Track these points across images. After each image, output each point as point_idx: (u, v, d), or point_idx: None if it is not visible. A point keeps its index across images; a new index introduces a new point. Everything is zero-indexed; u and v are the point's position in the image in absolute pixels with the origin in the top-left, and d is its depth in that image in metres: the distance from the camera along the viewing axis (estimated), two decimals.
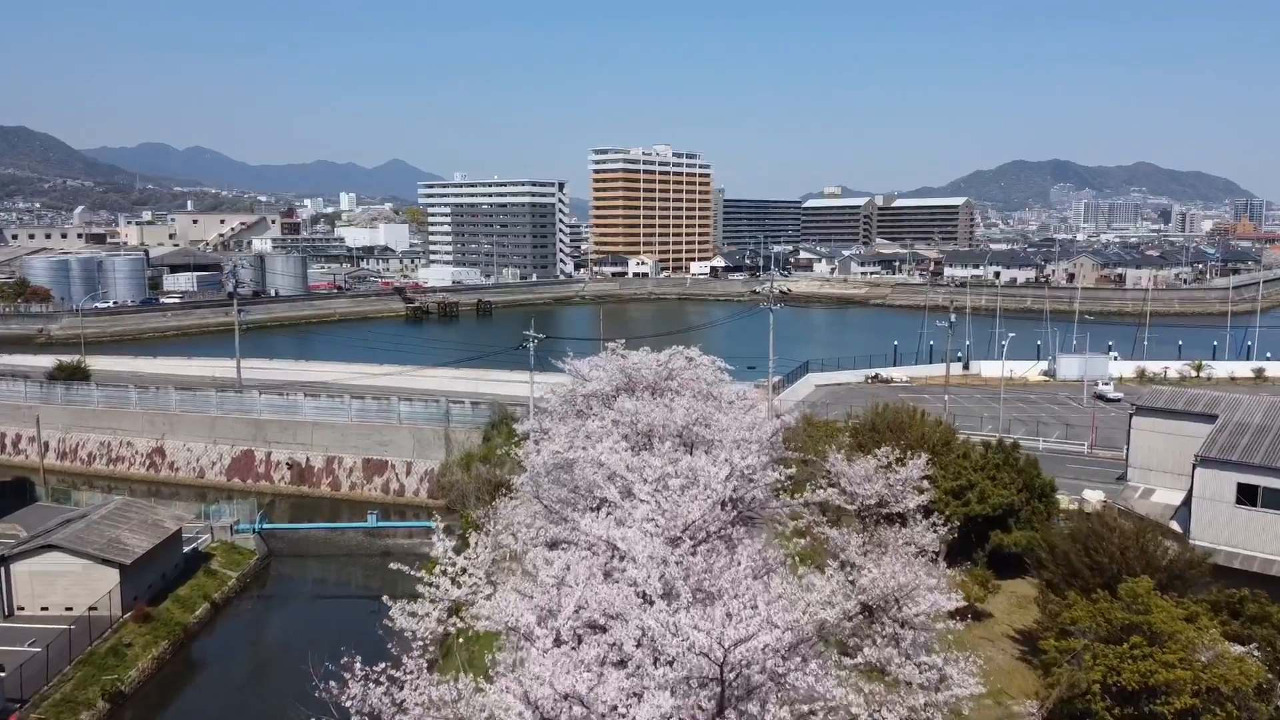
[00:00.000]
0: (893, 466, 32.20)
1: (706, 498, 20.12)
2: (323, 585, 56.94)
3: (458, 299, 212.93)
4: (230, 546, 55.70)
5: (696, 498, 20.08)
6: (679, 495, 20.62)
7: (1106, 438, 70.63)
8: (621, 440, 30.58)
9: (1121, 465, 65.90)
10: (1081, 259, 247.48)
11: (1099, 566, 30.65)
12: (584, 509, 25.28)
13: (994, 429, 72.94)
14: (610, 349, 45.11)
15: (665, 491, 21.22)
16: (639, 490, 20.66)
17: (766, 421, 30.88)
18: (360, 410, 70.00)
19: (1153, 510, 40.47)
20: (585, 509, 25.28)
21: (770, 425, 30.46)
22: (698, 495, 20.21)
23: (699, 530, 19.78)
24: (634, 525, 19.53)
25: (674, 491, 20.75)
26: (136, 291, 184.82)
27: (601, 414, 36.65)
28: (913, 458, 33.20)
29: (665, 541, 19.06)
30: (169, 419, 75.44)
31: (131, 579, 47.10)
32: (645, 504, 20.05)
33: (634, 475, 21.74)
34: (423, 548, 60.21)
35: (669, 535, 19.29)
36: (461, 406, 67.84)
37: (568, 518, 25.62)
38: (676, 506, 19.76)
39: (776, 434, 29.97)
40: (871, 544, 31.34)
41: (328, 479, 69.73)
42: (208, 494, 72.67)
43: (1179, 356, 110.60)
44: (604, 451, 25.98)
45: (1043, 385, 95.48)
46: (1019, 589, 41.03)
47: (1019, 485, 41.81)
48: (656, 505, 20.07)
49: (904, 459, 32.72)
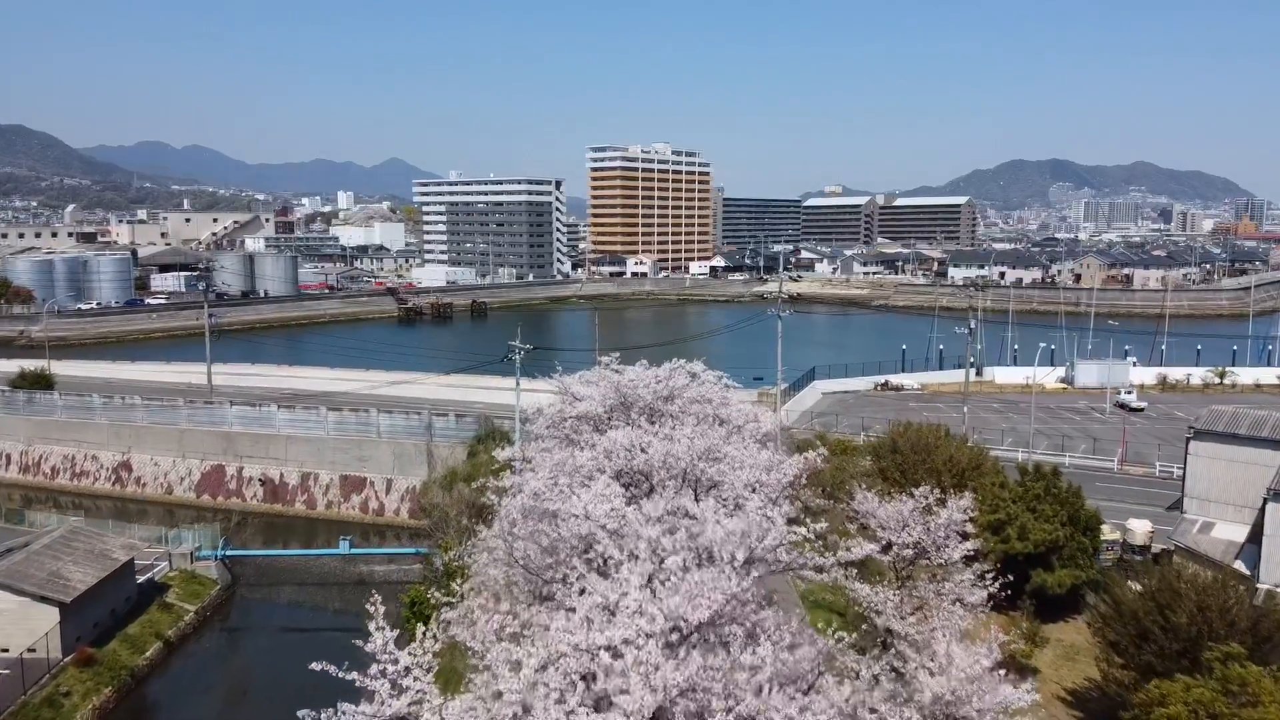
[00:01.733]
0: (933, 508, 27.61)
1: (718, 588, 15.44)
2: (291, 616, 52.21)
3: (452, 300, 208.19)
4: (190, 576, 51.00)
5: (705, 590, 15.38)
6: (682, 577, 15.97)
7: (1135, 452, 66.14)
8: (614, 480, 25.96)
9: (1153, 482, 61.72)
10: (1088, 259, 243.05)
11: (1174, 628, 26.09)
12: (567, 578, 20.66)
13: (1014, 442, 68.45)
14: (604, 363, 40.50)
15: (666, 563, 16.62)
16: (629, 581, 15.96)
17: (787, 463, 26.15)
18: (337, 423, 65.31)
19: (1214, 548, 35.95)
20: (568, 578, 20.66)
21: (791, 464, 25.77)
22: (707, 585, 15.52)
23: (708, 630, 15.17)
24: (624, 620, 14.89)
25: (675, 572, 16.10)
26: (122, 292, 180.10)
27: (593, 441, 32.05)
28: (954, 494, 28.63)
29: (664, 645, 14.46)
30: (135, 431, 70.76)
31: (74, 618, 42.43)
32: (635, 595, 15.38)
33: (622, 553, 17.06)
34: (401, 574, 55.80)
35: (669, 637, 14.67)
36: (445, 420, 63.15)
37: (546, 596, 20.99)
38: (678, 601, 15.09)
39: (799, 474, 25.24)
40: (908, 598, 26.78)
41: (303, 496, 65.03)
42: (176, 512, 68.05)
43: (1197, 361, 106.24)
44: (592, 501, 21.38)
45: (1060, 393, 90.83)
46: (1065, 635, 36.44)
47: (1062, 518, 37.21)
48: (651, 594, 15.44)
49: (944, 497, 28.13)
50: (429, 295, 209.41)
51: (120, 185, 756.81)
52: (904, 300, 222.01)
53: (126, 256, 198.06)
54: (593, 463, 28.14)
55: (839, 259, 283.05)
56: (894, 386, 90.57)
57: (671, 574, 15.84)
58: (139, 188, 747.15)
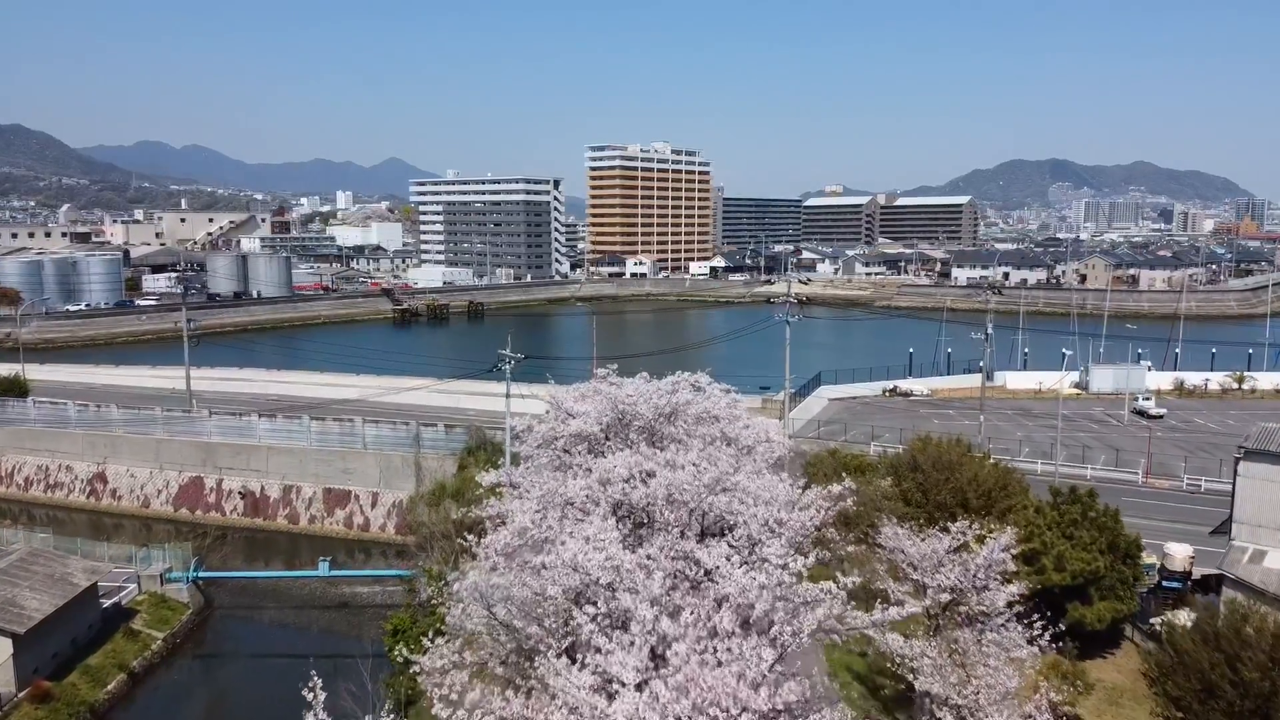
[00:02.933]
0: (970, 545, 24.47)
1: (736, 698, 12.23)
2: (268, 642, 49.00)
3: (448, 300, 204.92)
4: (159, 600, 47.81)
5: (718, 695, 12.17)
6: (695, 665, 12.80)
7: (1158, 463, 62.93)
8: (610, 515, 22.79)
9: (1180, 496, 58.46)
10: (1094, 259, 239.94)
11: (1246, 684, 22.94)
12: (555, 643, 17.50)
13: (1031, 452, 65.30)
14: (601, 375, 37.32)
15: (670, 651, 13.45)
16: (624, 677, 12.76)
17: (809, 498, 22.92)
18: (321, 434, 62.07)
19: (1267, 579, 32.87)
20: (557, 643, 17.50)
21: (814, 501, 22.55)
22: (720, 690, 12.30)
23: None
24: None
25: (683, 659, 12.93)
26: (112, 293, 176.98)
27: (588, 465, 28.88)
28: (981, 520, 25.49)
29: None
30: (111, 441, 67.55)
31: (30, 649, 39.33)
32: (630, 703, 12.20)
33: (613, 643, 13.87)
34: (385, 596, 52.61)
35: None
36: (434, 430, 59.91)
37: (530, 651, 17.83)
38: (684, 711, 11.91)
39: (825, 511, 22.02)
40: (945, 648, 23.63)
41: (284, 510, 61.82)
42: (153, 526, 64.85)
43: (1210, 365, 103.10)
44: (582, 552, 18.24)
45: (1075, 399, 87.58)
46: (1105, 674, 33.26)
47: (1101, 545, 34.04)
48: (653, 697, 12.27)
49: (983, 533, 24.97)
50: (425, 296, 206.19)
51: (119, 185, 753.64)
52: (907, 301, 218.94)
53: (117, 257, 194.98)
54: (586, 492, 25.05)
55: (841, 259, 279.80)
56: (902, 392, 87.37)
57: (677, 667, 12.65)
58: (138, 188, 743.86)
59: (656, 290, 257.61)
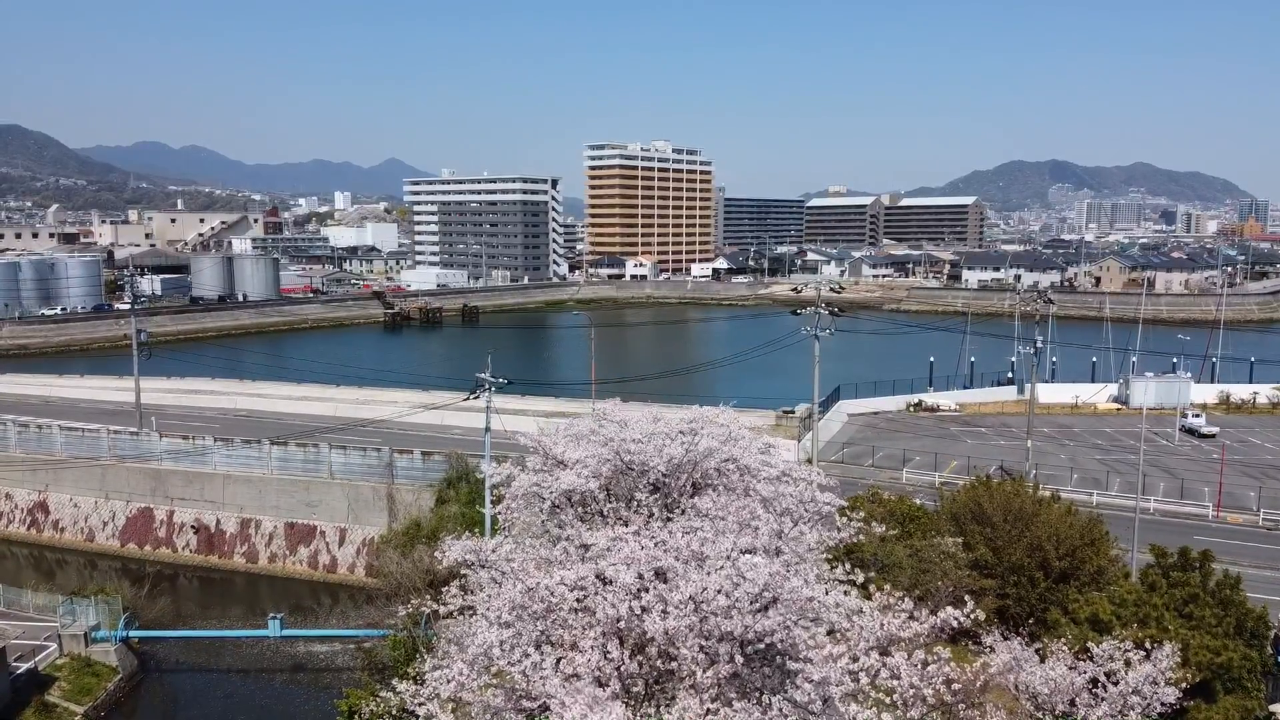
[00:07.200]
0: (1115, 666, 17.48)
1: None
2: (207, 714, 41.82)
3: (441, 303, 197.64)
4: (83, 663, 40.77)
5: None
6: None
7: (1228, 493, 55.84)
8: (606, 659, 15.76)
9: (1259, 535, 51.23)
10: (1108, 262, 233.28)
11: None
12: None
13: (1081, 480, 58.29)
14: (599, 411, 30.34)
15: None
16: None
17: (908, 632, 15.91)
18: (282, 460, 54.83)
19: None
20: None
21: (915, 639, 15.53)
22: None
23: None
24: None
25: None
26: (91, 296, 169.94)
27: (581, 541, 21.83)
28: (1150, 640, 18.54)
29: None
30: (53, 465, 60.49)
31: None
32: None
33: None
34: (346, 657, 45.64)
35: None
36: (410, 458, 52.67)
37: None
38: None
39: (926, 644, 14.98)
40: None
41: (242, 547, 54.72)
42: (98, 562, 57.91)
43: (1250, 376, 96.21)
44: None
45: (1114, 414, 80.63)
46: None
47: (1228, 626, 27.08)
48: None
49: (1130, 654, 17.96)
50: (417, 299, 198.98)
51: (117, 185, 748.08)
52: (917, 304, 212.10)
53: (97, 259, 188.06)
54: (579, 593, 18.05)
55: (847, 261, 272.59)
56: (929, 407, 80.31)
57: None
58: (135, 188, 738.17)
59: (658, 293, 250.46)
